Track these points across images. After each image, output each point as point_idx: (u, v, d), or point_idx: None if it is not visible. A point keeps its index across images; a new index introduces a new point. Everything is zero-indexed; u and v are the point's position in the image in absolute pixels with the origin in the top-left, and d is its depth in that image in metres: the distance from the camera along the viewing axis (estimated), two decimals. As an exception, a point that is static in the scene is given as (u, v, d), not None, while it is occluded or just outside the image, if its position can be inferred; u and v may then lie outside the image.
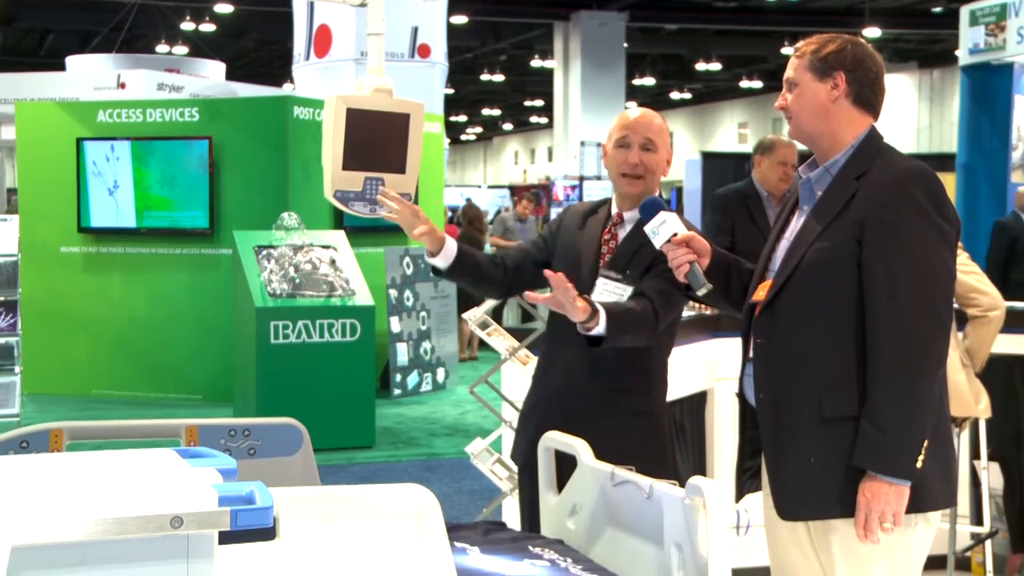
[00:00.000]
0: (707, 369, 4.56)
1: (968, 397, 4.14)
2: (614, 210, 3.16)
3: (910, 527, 2.52)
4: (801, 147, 4.31)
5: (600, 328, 2.83)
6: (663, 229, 2.73)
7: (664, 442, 3.14)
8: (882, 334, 2.46)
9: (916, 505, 2.50)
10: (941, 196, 2.52)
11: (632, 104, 35.32)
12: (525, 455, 3.13)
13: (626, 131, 3.07)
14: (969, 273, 4.18)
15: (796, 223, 2.68)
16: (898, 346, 2.45)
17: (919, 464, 2.45)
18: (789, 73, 2.66)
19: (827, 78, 2.60)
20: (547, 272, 2.82)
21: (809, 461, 2.53)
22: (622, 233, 3.11)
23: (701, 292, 2.69)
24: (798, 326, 2.56)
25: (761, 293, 2.65)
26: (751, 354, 2.68)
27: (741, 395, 2.77)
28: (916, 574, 2.60)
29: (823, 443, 2.52)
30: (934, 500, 2.54)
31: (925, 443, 2.45)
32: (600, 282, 3.04)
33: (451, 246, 3.04)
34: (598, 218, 3.17)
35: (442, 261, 3.03)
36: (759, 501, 2.89)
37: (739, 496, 2.85)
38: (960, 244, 4.17)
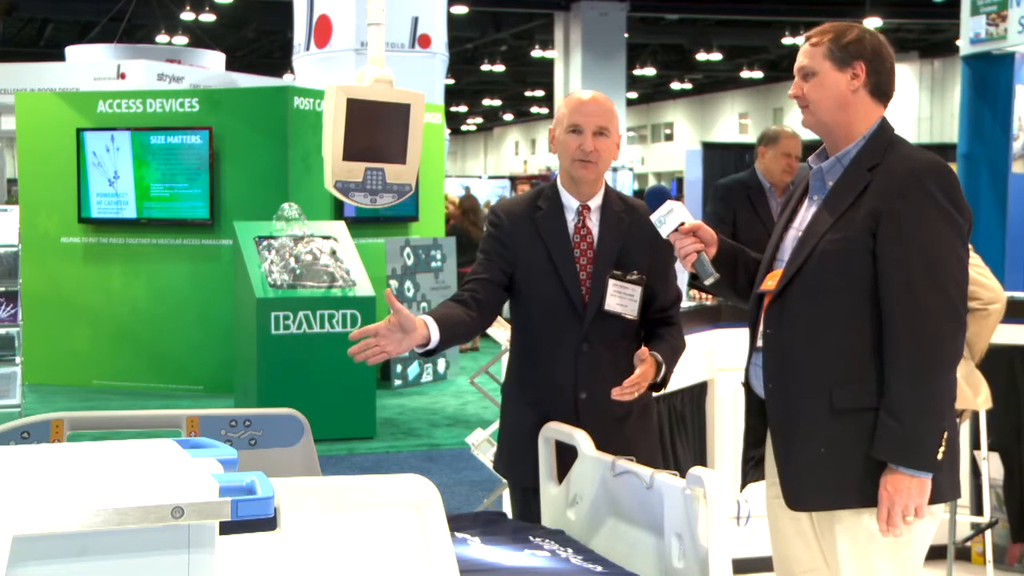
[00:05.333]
0: (707, 360, 4.56)
1: (967, 389, 4.14)
2: (570, 202, 3.05)
3: (916, 519, 2.52)
4: (806, 137, 4.27)
5: (661, 376, 2.93)
6: (670, 218, 2.72)
7: (657, 428, 3.23)
8: (900, 328, 2.46)
9: None
10: (955, 189, 2.52)
11: (633, 94, 35.32)
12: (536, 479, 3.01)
13: (579, 117, 3.00)
14: (971, 266, 4.16)
15: (806, 213, 2.67)
16: (917, 340, 2.44)
17: (939, 455, 2.45)
18: (804, 61, 2.62)
19: (847, 68, 2.57)
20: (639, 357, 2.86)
21: (819, 452, 2.53)
22: (592, 224, 3.05)
23: (708, 282, 2.68)
24: (809, 317, 2.56)
25: (770, 283, 2.64)
26: (759, 343, 2.67)
27: (747, 384, 2.76)
28: (918, 564, 2.61)
29: (833, 434, 2.52)
30: (942, 493, 2.54)
31: (944, 435, 2.45)
32: (611, 285, 2.98)
33: (432, 326, 2.79)
34: (547, 215, 3.04)
35: (432, 344, 2.81)
36: (760, 491, 2.89)
37: (743, 485, 2.85)
38: None
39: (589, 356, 2.98)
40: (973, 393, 4.17)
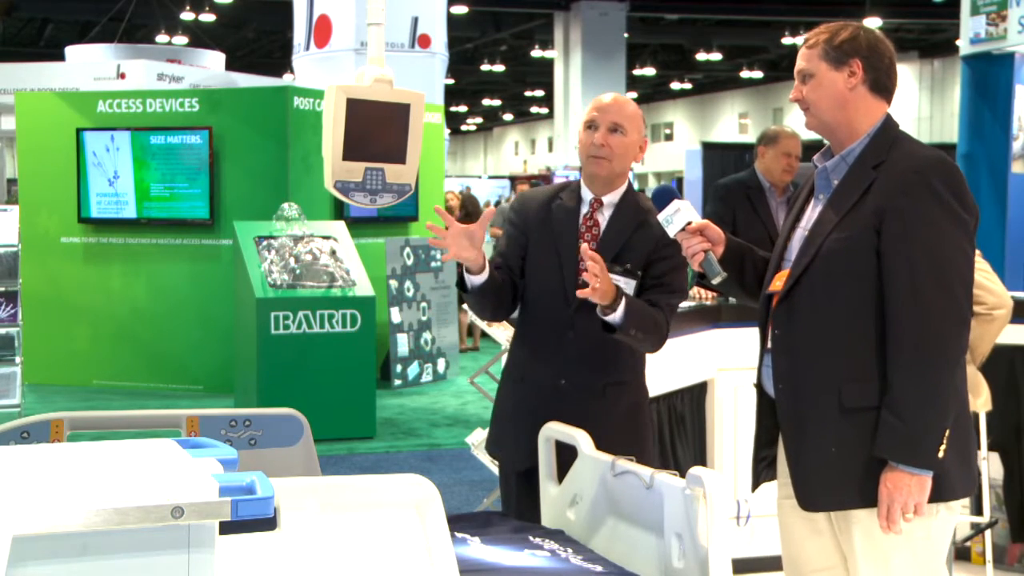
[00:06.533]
0: (708, 359, 4.56)
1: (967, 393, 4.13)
2: (587, 195, 3.12)
3: (931, 516, 2.52)
4: (805, 137, 4.25)
5: (618, 315, 2.86)
6: (677, 217, 2.71)
7: (651, 430, 3.22)
8: (903, 325, 2.46)
9: (938, 495, 2.49)
10: (961, 185, 2.51)
11: (633, 94, 35.31)
12: (530, 460, 3.04)
13: (595, 113, 3.06)
14: (977, 270, 4.13)
15: (812, 212, 2.67)
16: (919, 337, 2.44)
17: (940, 454, 2.44)
18: (801, 64, 2.62)
19: (843, 66, 2.57)
20: (585, 250, 2.83)
21: (830, 452, 2.52)
22: (602, 218, 3.09)
23: (716, 281, 2.69)
24: (817, 316, 2.55)
25: (778, 283, 2.64)
26: (769, 344, 2.67)
27: (759, 385, 2.76)
28: (939, 563, 2.59)
29: (844, 433, 2.52)
30: (954, 490, 2.54)
31: (947, 433, 2.45)
32: None
33: (487, 266, 2.99)
34: (564, 204, 3.12)
35: (479, 278, 2.97)
36: (762, 491, 2.89)
37: (755, 485, 2.84)
38: None
39: (574, 344, 3.01)
40: (973, 396, 4.16)
